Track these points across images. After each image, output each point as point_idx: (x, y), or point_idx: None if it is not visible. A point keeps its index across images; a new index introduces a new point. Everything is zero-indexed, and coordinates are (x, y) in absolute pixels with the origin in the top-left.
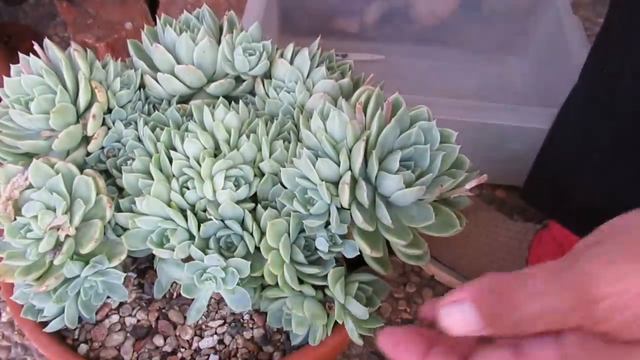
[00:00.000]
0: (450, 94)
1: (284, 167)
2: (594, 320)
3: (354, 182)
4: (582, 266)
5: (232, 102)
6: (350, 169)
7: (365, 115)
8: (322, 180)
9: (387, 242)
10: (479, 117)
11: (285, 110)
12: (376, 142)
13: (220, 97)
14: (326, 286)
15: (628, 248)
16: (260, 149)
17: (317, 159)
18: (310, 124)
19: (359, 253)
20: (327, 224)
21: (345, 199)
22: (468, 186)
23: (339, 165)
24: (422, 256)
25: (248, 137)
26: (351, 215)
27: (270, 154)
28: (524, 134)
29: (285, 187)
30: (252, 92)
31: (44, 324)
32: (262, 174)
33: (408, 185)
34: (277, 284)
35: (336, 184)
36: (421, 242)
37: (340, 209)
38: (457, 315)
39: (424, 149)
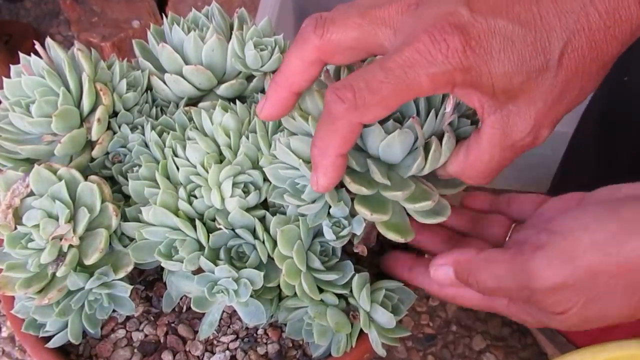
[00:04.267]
0: None
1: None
2: (532, 299)
3: None
4: (529, 265)
5: (231, 103)
6: None
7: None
8: (301, 159)
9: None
10: None
11: None
12: None
13: (219, 100)
14: (349, 294)
15: (561, 253)
16: (260, 149)
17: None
18: None
19: (364, 224)
20: (330, 208)
21: None
22: (448, 108)
23: None
24: (438, 210)
25: (248, 138)
26: (345, 186)
27: (270, 150)
28: (553, 138)
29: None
30: (263, 90)
31: (47, 339)
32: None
33: (390, 133)
34: (295, 294)
35: None
36: (429, 193)
37: (338, 189)
38: (442, 272)
39: None
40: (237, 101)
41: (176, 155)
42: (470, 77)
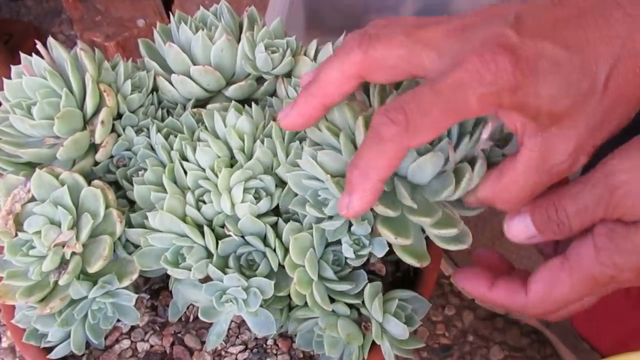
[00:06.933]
0: None
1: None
2: (613, 208)
3: None
4: (606, 162)
5: (246, 106)
6: None
7: (369, 97)
8: (328, 174)
9: (425, 236)
10: None
11: None
12: None
13: (233, 101)
14: (361, 304)
15: None
16: (276, 154)
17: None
18: None
19: (387, 248)
20: (351, 225)
21: None
22: (485, 134)
23: (342, 154)
24: (460, 237)
25: (263, 142)
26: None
27: (287, 158)
28: None
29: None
30: (275, 94)
31: (49, 349)
32: (283, 183)
33: (422, 155)
34: (306, 304)
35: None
36: (454, 219)
37: None
38: (519, 225)
39: None
40: (253, 104)
41: (184, 159)
42: (517, 98)
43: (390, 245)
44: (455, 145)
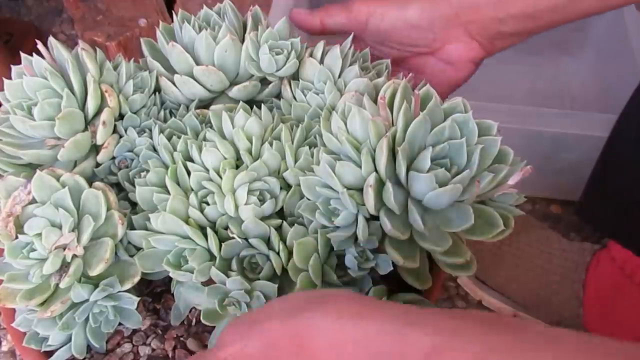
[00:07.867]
0: (498, 99)
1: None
2: None
3: (380, 185)
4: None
5: (255, 107)
6: (375, 170)
7: (392, 112)
8: (345, 187)
9: (429, 254)
10: (531, 123)
11: (312, 114)
12: (404, 139)
13: (241, 102)
14: None
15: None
16: (284, 158)
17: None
18: (331, 125)
19: (392, 268)
20: (357, 237)
21: (370, 204)
22: (511, 181)
23: (361, 168)
24: (466, 266)
25: (271, 144)
26: (381, 225)
27: (295, 162)
28: (582, 142)
29: (309, 199)
30: (279, 96)
31: (49, 353)
32: (289, 186)
33: (442, 184)
34: None
35: (362, 190)
36: (462, 249)
37: (369, 219)
38: None
39: (459, 144)
40: (263, 106)
41: (188, 159)
42: None
43: (394, 264)
44: (469, 170)
